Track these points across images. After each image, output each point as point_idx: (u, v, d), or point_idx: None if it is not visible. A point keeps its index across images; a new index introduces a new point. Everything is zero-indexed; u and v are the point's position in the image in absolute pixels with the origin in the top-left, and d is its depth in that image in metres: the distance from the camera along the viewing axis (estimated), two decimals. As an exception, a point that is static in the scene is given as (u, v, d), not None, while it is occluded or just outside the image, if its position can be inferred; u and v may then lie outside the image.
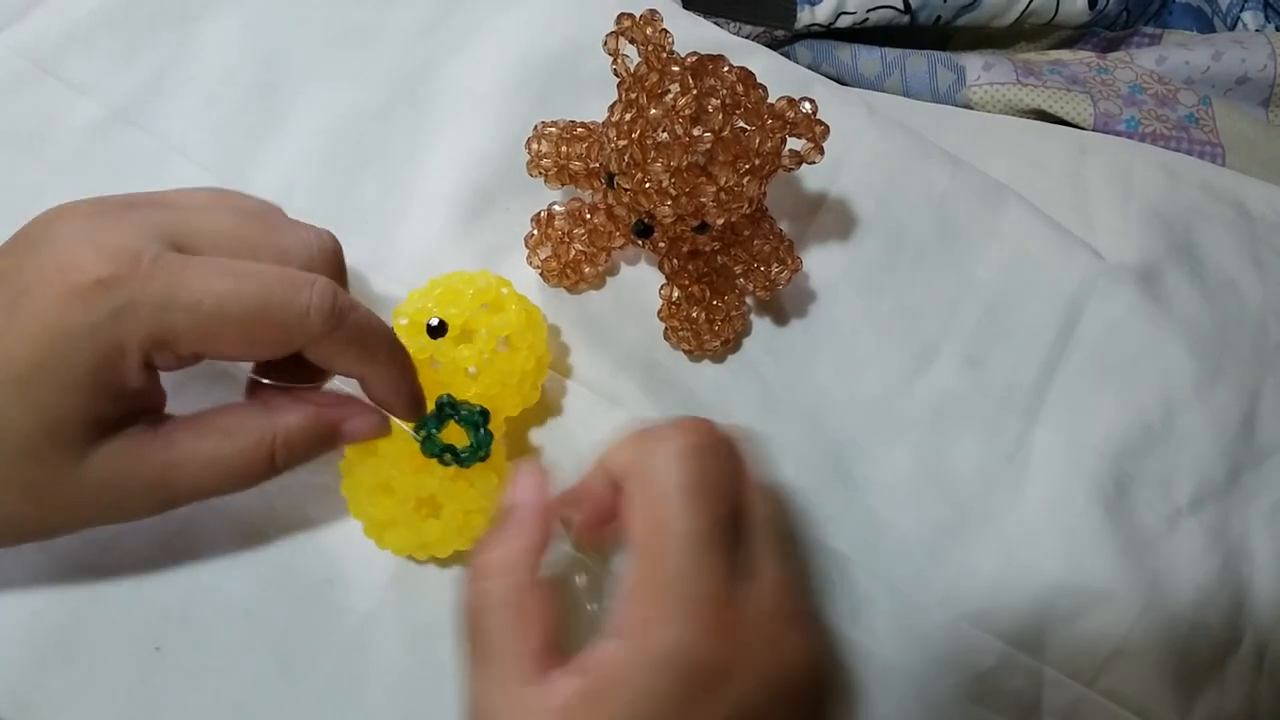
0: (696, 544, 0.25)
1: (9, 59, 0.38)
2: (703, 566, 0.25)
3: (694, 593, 0.25)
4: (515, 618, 0.26)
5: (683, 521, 0.25)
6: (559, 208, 0.37)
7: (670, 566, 0.25)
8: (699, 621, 0.24)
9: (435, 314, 0.32)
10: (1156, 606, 0.36)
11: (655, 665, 0.24)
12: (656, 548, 0.25)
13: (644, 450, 0.27)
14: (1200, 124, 0.49)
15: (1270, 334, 0.42)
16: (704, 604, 0.25)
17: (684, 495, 0.25)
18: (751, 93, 0.31)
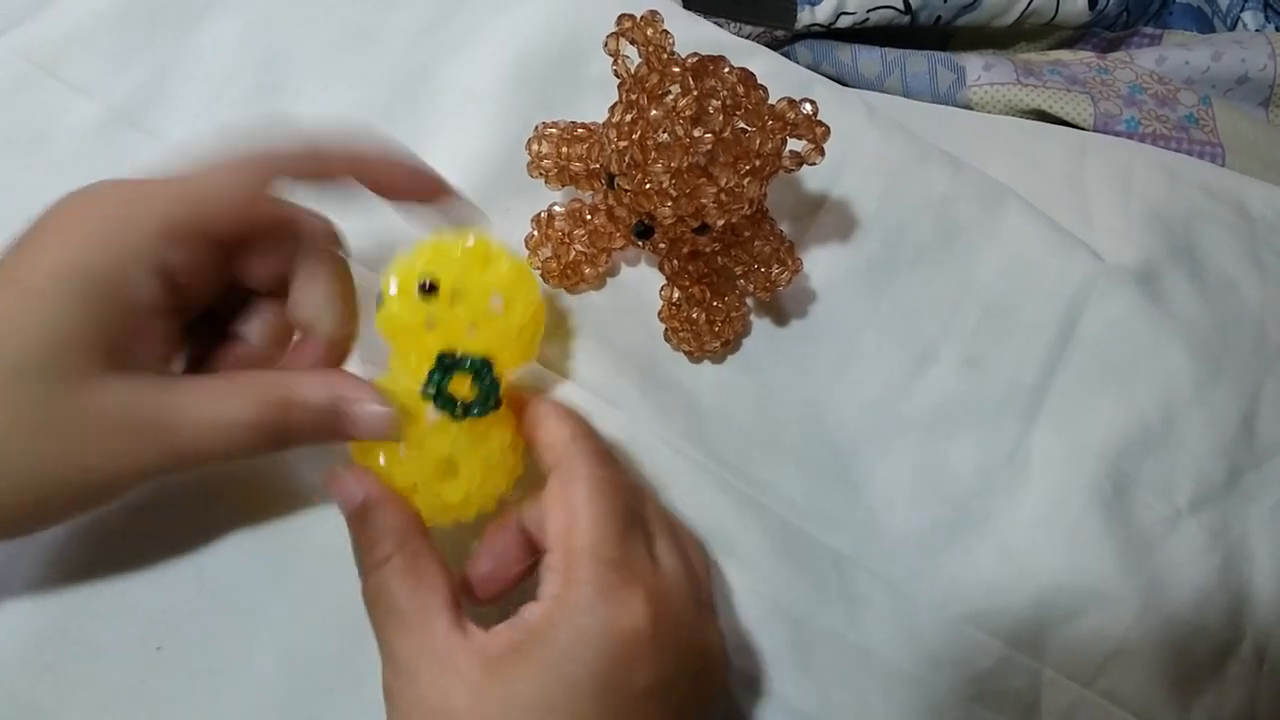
0: (607, 521, 0.27)
1: (10, 61, 0.38)
2: (618, 536, 0.27)
3: (610, 556, 0.27)
4: (418, 579, 0.27)
5: (596, 503, 0.27)
6: (559, 208, 0.37)
7: (586, 536, 0.27)
8: (617, 580, 0.26)
9: (425, 275, 0.31)
10: (1156, 607, 0.36)
11: (576, 619, 0.26)
12: (571, 527, 0.27)
13: (563, 453, 0.29)
14: (1200, 124, 0.49)
15: (1270, 335, 0.42)
16: (621, 567, 0.27)
17: (594, 485, 0.28)
18: (752, 94, 0.31)
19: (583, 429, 0.30)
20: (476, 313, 0.31)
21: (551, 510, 0.28)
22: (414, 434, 0.30)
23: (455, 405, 0.29)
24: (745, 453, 0.36)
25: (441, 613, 0.27)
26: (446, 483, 0.30)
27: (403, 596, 0.27)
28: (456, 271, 0.31)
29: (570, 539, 0.27)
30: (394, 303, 0.30)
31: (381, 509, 0.28)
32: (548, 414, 0.30)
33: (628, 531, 0.28)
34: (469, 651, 0.26)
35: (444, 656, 0.26)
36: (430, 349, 0.30)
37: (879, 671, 0.34)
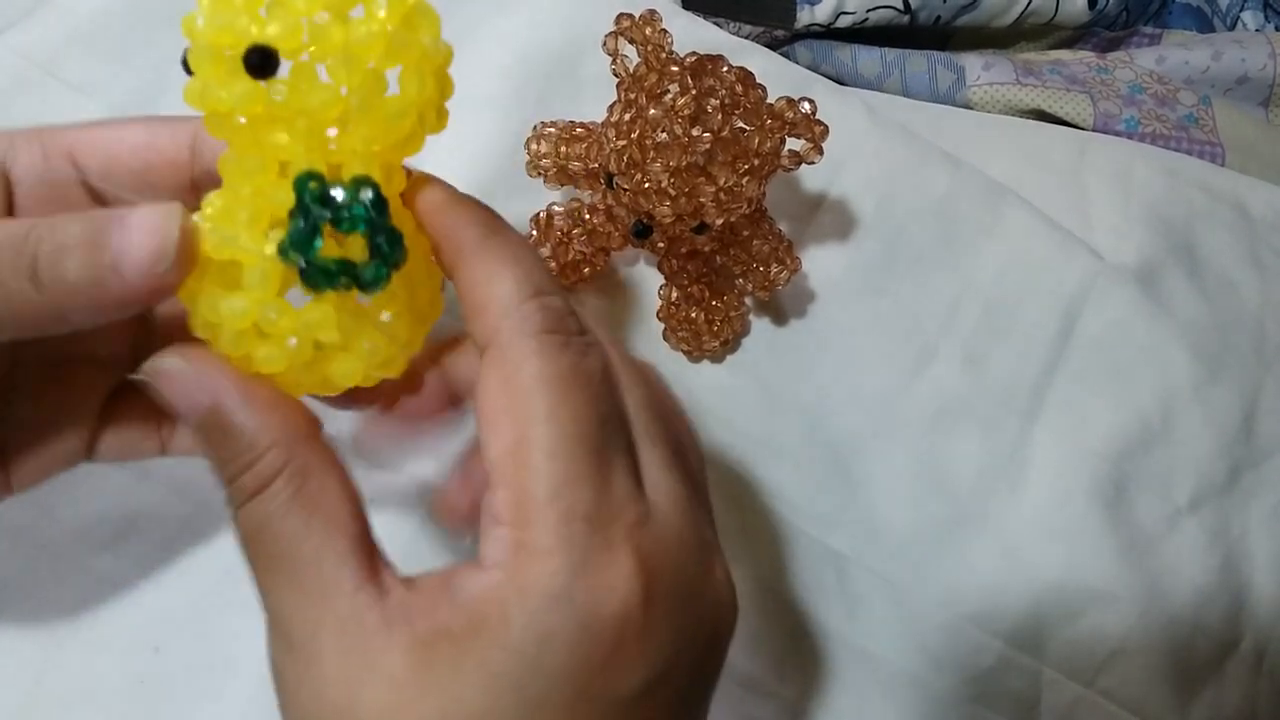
0: (574, 446, 0.19)
1: (10, 61, 0.38)
2: (592, 469, 0.19)
3: (583, 506, 0.19)
4: (311, 511, 0.20)
5: (570, 419, 0.19)
6: (558, 208, 0.37)
7: (556, 476, 0.19)
8: (594, 543, 0.19)
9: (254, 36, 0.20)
10: (1156, 606, 0.36)
11: (541, 609, 0.18)
12: (534, 452, 0.19)
13: (498, 330, 0.20)
14: (1200, 124, 0.49)
15: (1270, 334, 0.42)
16: (597, 522, 0.19)
17: (554, 387, 0.20)
18: (751, 93, 0.31)
19: (531, 271, 0.21)
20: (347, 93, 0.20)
21: (490, 420, 0.20)
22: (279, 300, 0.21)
23: (338, 278, 0.20)
24: (745, 452, 0.36)
25: (346, 560, 0.19)
26: (330, 361, 0.22)
27: (290, 537, 0.19)
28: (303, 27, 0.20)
29: (522, 477, 0.19)
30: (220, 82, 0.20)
31: (247, 410, 0.20)
32: (479, 244, 0.21)
33: (604, 456, 0.20)
34: (387, 627, 0.19)
35: (352, 631, 0.19)
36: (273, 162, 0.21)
37: (879, 671, 0.34)
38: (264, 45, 0.20)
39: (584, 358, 0.21)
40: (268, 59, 0.20)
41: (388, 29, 0.21)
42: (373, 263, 0.20)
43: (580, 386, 0.20)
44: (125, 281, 0.20)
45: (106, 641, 0.31)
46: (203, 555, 0.32)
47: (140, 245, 0.20)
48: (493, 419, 0.20)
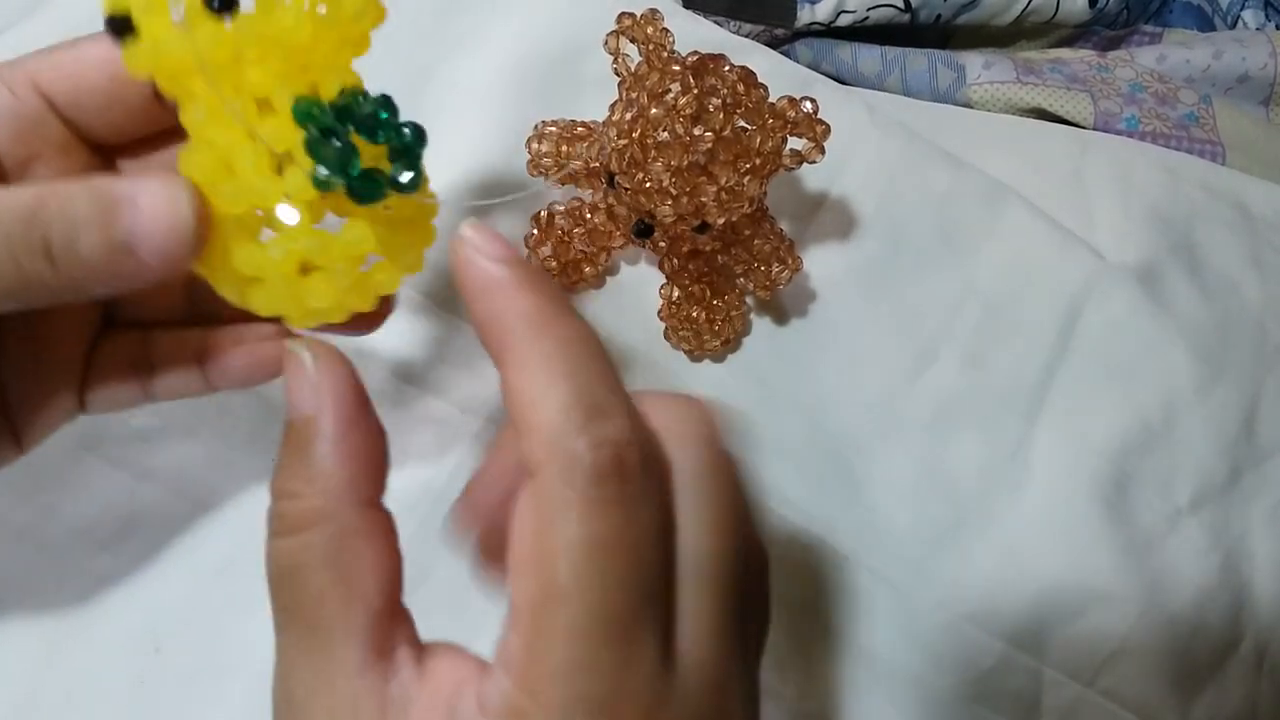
0: (600, 627, 0.17)
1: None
2: (604, 660, 0.17)
3: (588, 693, 0.17)
4: (338, 576, 0.19)
5: (599, 592, 0.17)
6: (559, 207, 0.37)
7: (570, 653, 0.17)
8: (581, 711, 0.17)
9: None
10: (1156, 606, 0.36)
11: None
12: (554, 617, 0.17)
13: (540, 465, 0.18)
14: (1200, 123, 0.49)
15: (1271, 334, 0.42)
16: (602, 708, 0.17)
17: (593, 555, 0.17)
18: (752, 92, 0.31)
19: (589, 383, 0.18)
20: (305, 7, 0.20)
21: (518, 561, 0.18)
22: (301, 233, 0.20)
23: (381, 185, 0.20)
24: (744, 452, 0.36)
25: (358, 637, 0.19)
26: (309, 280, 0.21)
27: (312, 594, 0.19)
28: None
29: (537, 644, 0.17)
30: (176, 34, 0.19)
31: (330, 445, 0.20)
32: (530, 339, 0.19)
33: (633, 634, 0.18)
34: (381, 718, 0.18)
35: (343, 715, 0.18)
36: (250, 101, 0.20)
37: (879, 671, 0.34)
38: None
39: (633, 518, 0.18)
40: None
41: None
42: (402, 162, 0.20)
43: (622, 555, 0.18)
44: (141, 262, 0.20)
45: (106, 641, 0.31)
46: (203, 555, 0.32)
47: (154, 226, 0.20)
48: (520, 562, 0.18)
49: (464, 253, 0.19)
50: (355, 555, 0.19)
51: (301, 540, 0.19)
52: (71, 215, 0.19)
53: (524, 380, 0.18)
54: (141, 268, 0.20)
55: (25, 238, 0.19)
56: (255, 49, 0.20)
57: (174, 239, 0.20)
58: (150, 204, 0.20)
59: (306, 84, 0.20)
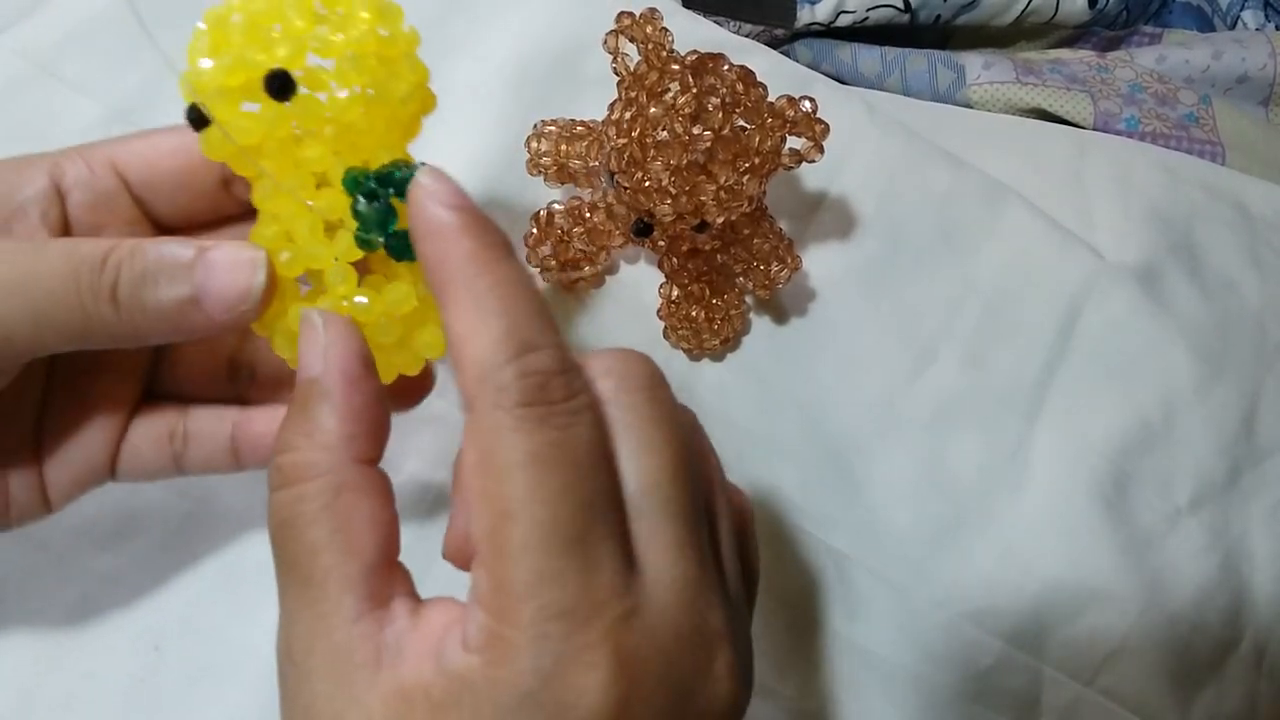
0: (551, 537, 0.18)
1: (9, 60, 0.38)
2: (562, 569, 0.18)
3: (553, 605, 0.18)
4: (336, 527, 0.20)
5: (545, 507, 0.18)
6: (558, 206, 0.37)
7: (532, 570, 0.18)
8: (563, 646, 0.18)
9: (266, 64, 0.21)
10: (1156, 606, 0.36)
11: (510, 705, 0.18)
12: (498, 544, 0.18)
13: (474, 397, 0.19)
14: (1200, 123, 0.49)
15: (1270, 334, 0.42)
16: (570, 621, 0.18)
17: (530, 470, 0.18)
18: (751, 91, 0.31)
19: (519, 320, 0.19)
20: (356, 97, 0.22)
21: (469, 497, 0.19)
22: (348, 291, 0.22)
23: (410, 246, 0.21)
24: (745, 451, 0.36)
25: (354, 587, 0.19)
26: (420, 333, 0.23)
27: (309, 546, 0.20)
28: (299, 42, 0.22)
29: (499, 568, 0.18)
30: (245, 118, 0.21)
31: (332, 405, 0.20)
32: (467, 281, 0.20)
33: (588, 545, 0.18)
34: (375, 666, 0.19)
35: (342, 661, 0.19)
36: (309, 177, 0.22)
37: (879, 671, 0.34)
38: (280, 69, 0.21)
39: (566, 431, 0.19)
40: (286, 81, 0.21)
41: (375, 27, 0.22)
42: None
43: (559, 467, 0.18)
44: (207, 316, 0.22)
45: (106, 641, 0.31)
46: (203, 555, 0.32)
47: (226, 285, 0.22)
48: (470, 498, 0.19)
49: (416, 196, 0.21)
50: (351, 508, 0.20)
51: (297, 491, 0.20)
52: (143, 266, 0.21)
53: (459, 319, 0.19)
54: (205, 321, 0.22)
55: (92, 283, 0.21)
56: (314, 126, 0.22)
57: (245, 297, 0.22)
58: (224, 262, 0.22)
59: (359, 159, 0.22)
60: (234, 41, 0.21)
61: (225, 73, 0.21)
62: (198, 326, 0.22)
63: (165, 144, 0.25)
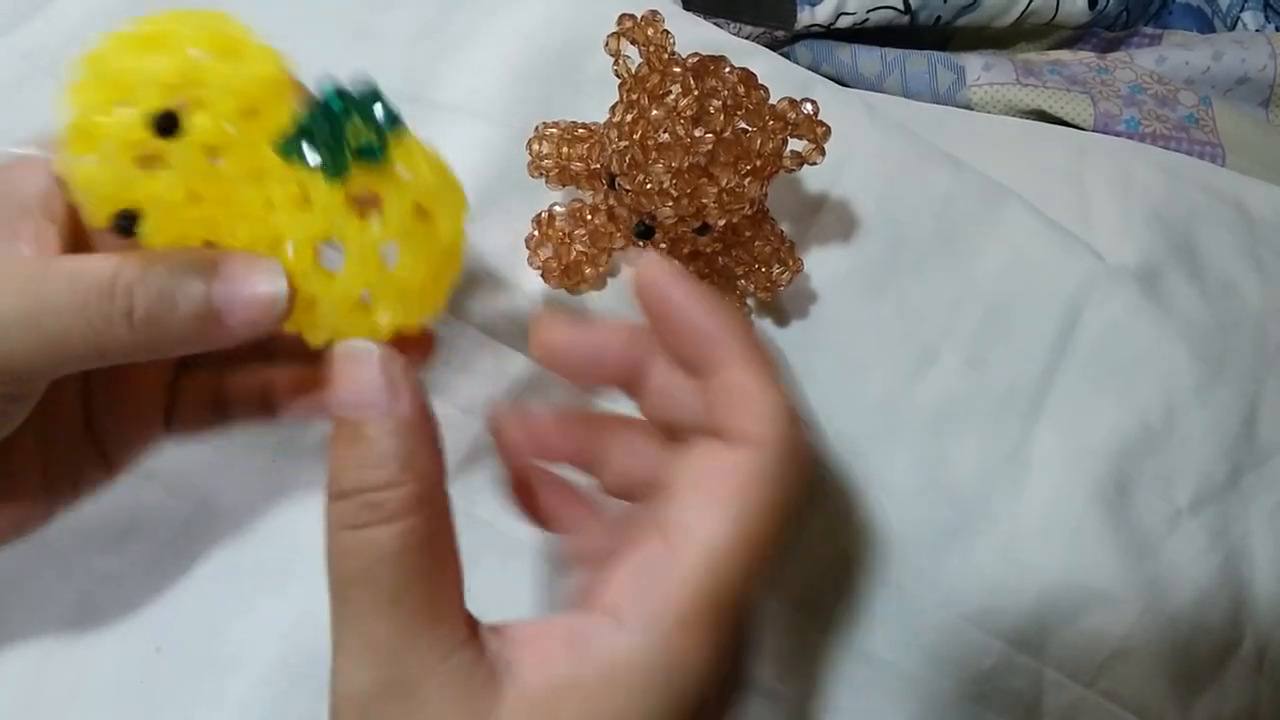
0: (750, 566, 0.21)
1: (11, 62, 0.38)
2: (748, 587, 0.21)
3: (736, 623, 0.21)
4: (435, 561, 0.20)
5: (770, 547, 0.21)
6: (560, 208, 0.37)
7: (734, 584, 0.20)
8: (729, 656, 0.21)
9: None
10: (1157, 607, 0.36)
11: (680, 684, 0.20)
12: (737, 556, 0.20)
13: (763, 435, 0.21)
14: (1200, 124, 0.49)
15: (1270, 335, 0.42)
16: (738, 638, 0.21)
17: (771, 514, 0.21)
18: (753, 94, 0.31)
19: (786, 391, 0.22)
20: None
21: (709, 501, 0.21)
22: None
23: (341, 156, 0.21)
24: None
25: (459, 613, 0.21)
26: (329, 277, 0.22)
27: (418, 577, 0.20)
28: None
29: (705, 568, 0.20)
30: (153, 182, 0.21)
31: (416, 433, 0.21)
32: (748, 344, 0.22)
33: (758, 583, 0.22)
34: (494, 684, 0.20)
35: (461, 685, 0.19)
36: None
37: (880, 672, 0.34)
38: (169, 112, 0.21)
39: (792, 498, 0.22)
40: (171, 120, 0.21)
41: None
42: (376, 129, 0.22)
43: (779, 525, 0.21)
44: (228, 330, 0.21)
45: (107, 641, 0.31)
46: (204, 555, 0.32)
47: (248, 300, 0.21)
48: (715, 501, 0.21)
49: (668, 272, 0.23)
50: (448, 536, 0.21)
51: (405, 525, 0.20)
52: (157, 287, 0.21)
53: (746, 376, 0.22)
54: (228, 335, 0.21)
55: (101, 307, 0.20)
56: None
57: (270, 308, 0.21)
58: (244, 277, 0.21)
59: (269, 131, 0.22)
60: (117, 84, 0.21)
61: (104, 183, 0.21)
62: (221, 339, 0.22)
63: None
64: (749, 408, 0.21)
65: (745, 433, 0.21)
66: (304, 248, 0.22)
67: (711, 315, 0.22)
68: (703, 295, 0.23)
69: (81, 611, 0.31)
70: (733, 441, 0.21)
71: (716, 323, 0.22)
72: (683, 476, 0.22)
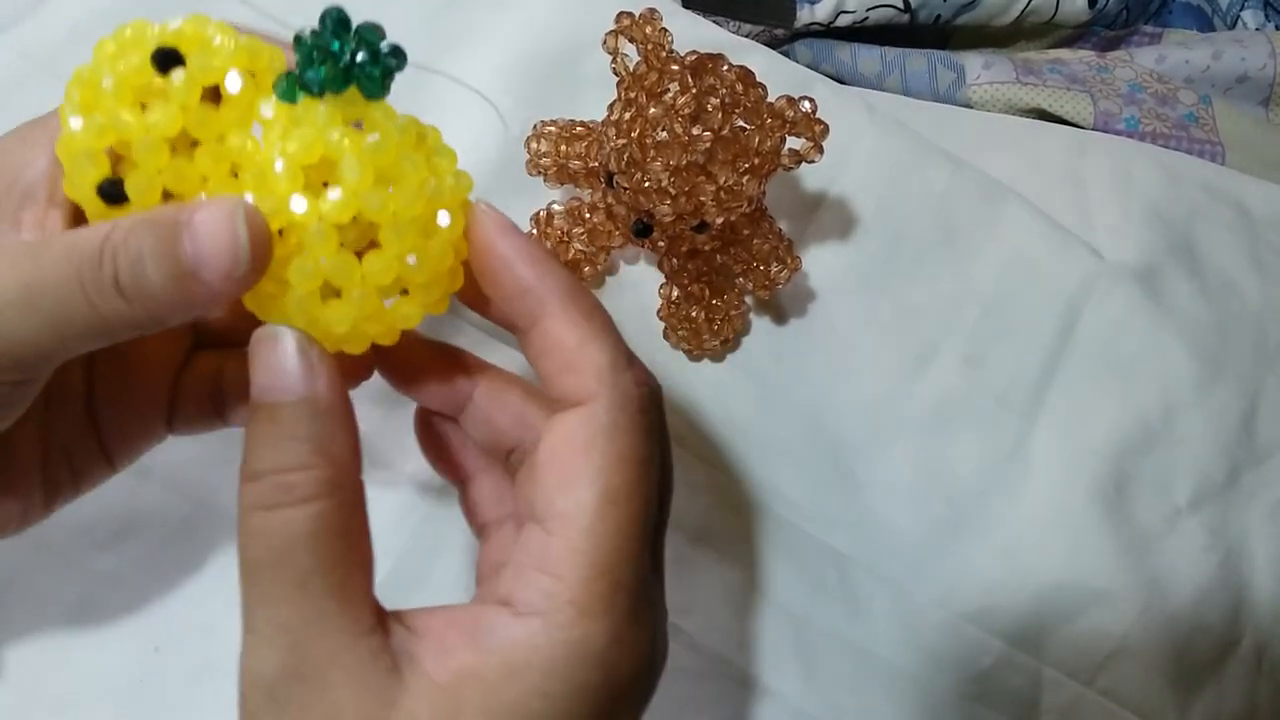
0: (645, 530, 0.21)
1: (10, 61, 0.38)
2: (644, 559, 0.21)
3: (633, 588, 0.20)
4: (347, 547, 0.20)
5: (642, 501, 0.21)
6: (558, 207, 0.37)
7: (618, 550, 0.20)
8: (633, 623, 0.20)
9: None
10: (1156, 606, 0.36)
11: (583, 664, 0.20)
12: (608, 521, 0.20)
13: (595, 393, 0.21)
14: (1200, 123, 0.49)
15: (1270, 334, 0.42)
16: (639, 602, 0.21)
17: (642, 468, 0.21)
18: (751, 91, 0.31)
19: (619, 341, 0.22)
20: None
21: (566, 474, 0.21)
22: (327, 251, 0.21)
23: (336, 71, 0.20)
24: (745, 452, 0.36)
25: (367, 600, 0.20)
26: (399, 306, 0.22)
27: (326, 561, 0.19)
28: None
29: (587, 543, 0.20)
30: None
31: (331, 417, 0.20)
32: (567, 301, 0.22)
33: (652, 543, 0.21)
34: (398, 670, 0.20)
35: (367, 671, 0.19)
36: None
37: (879, 671, 0.34)
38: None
39: (659, 447, 0.22)
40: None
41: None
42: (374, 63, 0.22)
43: (653, 473, 0.21)
44: (208, 285, 0.20)
45: (106, 641, 0.31)
46: (203, 555, 0.33)
47: (214, 250, 0.20)
48: (570, 475, 0.21)
49: (498, 222, 0.22)
50: (360, 523, 0.21)
51: (316, 508, 0.20)
52: (136, 248, 0.20)
53: (571, 331, 0.21)
54: (209, 291, 0.20)
55: (95, 280, 0.20)
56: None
57: (233, 259, 0.20)
58: (206, 227, 0.20)
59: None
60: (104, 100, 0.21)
61: (94, 134, 0.20)
62: (207, 297, 0.20)
63: None
64: (572, 363, 0.21)
65: (576, 391, 0.21)
66: (294, 169, 0.20)
67: (531, 266, 0.22)
68: (527, 247, 0.22)
69: (81, 611, 0.31)
70: (566, 403, 0.21)
71: (535, 273, 0.22)
72: (541, 454, 0.21)
